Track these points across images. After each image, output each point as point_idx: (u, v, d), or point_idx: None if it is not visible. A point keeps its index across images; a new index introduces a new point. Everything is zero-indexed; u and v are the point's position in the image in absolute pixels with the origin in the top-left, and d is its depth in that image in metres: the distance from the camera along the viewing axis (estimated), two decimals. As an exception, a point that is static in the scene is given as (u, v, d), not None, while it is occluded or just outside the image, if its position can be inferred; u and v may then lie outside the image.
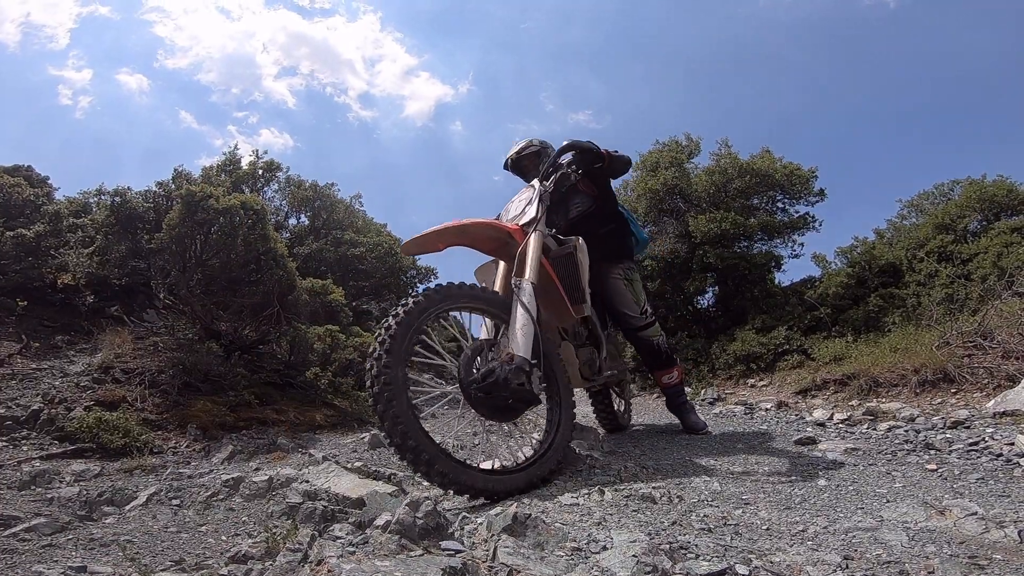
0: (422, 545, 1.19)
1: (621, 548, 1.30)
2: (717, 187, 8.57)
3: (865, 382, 4.44)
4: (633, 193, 9.20)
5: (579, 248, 2.60)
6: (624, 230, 3.28)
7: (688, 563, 1.25)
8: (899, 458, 2.51)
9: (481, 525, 1.33)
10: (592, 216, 3.14)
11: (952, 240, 7.06)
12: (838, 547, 1.43)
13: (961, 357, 4.10)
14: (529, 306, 2.02)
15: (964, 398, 3.69)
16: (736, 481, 2.18)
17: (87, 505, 2.66)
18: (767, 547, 1.43)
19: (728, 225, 7.97)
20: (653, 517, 1.66)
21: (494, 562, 1.19)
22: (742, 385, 6.44)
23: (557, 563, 1.22)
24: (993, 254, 6.08)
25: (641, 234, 3.49)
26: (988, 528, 1.50)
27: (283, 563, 1.04)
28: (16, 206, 7.42)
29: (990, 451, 2.45)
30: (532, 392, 1.93)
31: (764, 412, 4.53)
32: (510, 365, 1.87)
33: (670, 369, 3.34)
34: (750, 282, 8.05)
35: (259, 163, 11.05)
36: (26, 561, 2.01)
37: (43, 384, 4.84)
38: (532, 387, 1.92)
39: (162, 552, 2.12)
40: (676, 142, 9.30)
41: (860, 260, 7.84)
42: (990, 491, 1.91)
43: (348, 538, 1.16)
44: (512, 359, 1.89)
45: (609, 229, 3.17)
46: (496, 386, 1.85)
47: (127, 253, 6.66)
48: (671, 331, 8.26)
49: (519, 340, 1.93)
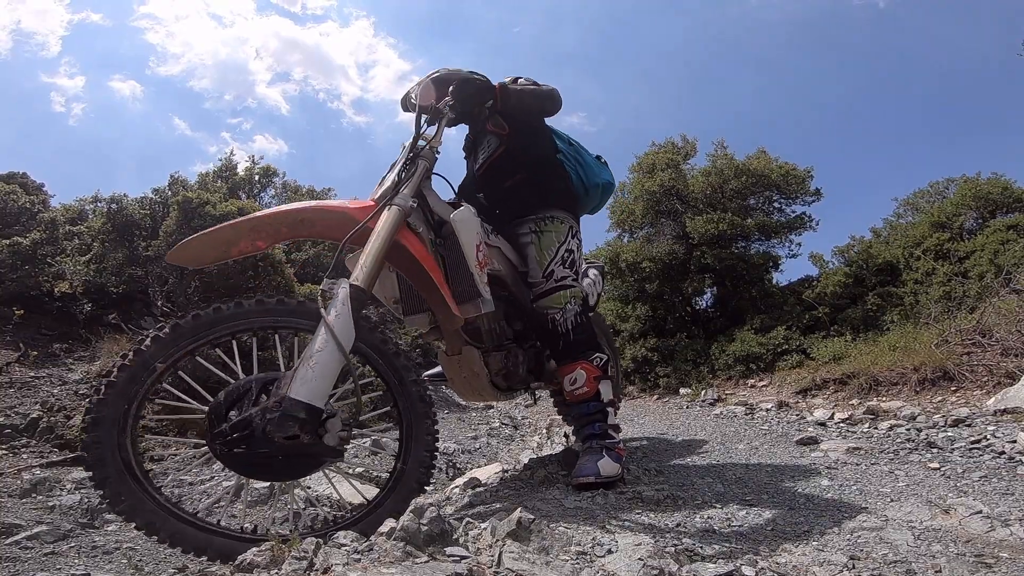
0: (427, 551, 1.19)
1: (626, 551, 1.29)
2: (714, 188, 8.60)
3: (865, 381, 4.45)
4: (630, 195, 9.23)
5: (454, 222, 1.86)
6: (546, 176, 2.29)
7: (694, 565, 1.25)
8: (901, 457, 2.51)
9: (485, 531, 1.33)
10: (497, 164, 2.27)
11: (948, 238, 7.09)
12: (844, 547, 1.43)
13: (960, 355, 4.11)
14: (337, 323, 1.44)
15: (964, 396, 3.70)
16: (739, 482, 2.17)
17: (88, 512, 2.65)
18: (772, 548, 1.43)
19: (725, 226, 7.99)
20: (657, 520, 1.65)
21: (499, 567, 1.19)
22: (742, 385, 6.45)
23: (562, 567, 1.22)
24: (989, 251, 6.11)
25: (595, 178, 2.47)
26: (993, 526, 1.50)
27: (288, 571, 1.04)
28: (12, 214, 7.40)
29: (992, 449, 2.46)
30: (317, 446, 1.40)
31: (764, 412, 4.53)
32: (274, 412, 1.34)
33: (573, 365, 2.09)
34: (748, 282, 8.07)
35: (255, 169, 11.06)
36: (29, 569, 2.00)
37: (42, 392, 4.82)
38: (322, 439, 1.41)
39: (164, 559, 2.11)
40: (672, 143, 9.33)
41: (857, 259, 7.87)
42: (994, 489, 1.91)
43: (353, 545, 1.16)
44: (281, 403, 1.34)
45: (518, 179, 2.24)
46: (253, 440, 1.34)
47: (124, 260, 6.64)
48: (670, 332, 8.27)
49: (302, 375, 1.37)
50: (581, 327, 2.13)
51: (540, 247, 2.19)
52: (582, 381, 2.07)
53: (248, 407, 1.39)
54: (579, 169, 2.41)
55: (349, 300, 1.48)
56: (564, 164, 2.36)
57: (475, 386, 2.13)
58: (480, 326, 2.05)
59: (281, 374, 1.44)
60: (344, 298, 1.49)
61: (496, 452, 4.13)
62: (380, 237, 1.61)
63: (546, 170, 2.30)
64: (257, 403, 1.40)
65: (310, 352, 1.41)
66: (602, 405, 2.08)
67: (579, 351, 2.10)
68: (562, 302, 2.12)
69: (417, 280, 1.83)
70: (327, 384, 1.40)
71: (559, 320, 2.11)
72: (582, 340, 2.11)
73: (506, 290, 2.16)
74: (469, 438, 4.98)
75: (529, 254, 2.21)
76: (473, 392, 2.18)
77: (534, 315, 2.22)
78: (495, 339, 2.11)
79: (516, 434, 5.42)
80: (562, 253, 2.19)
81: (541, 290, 2.16)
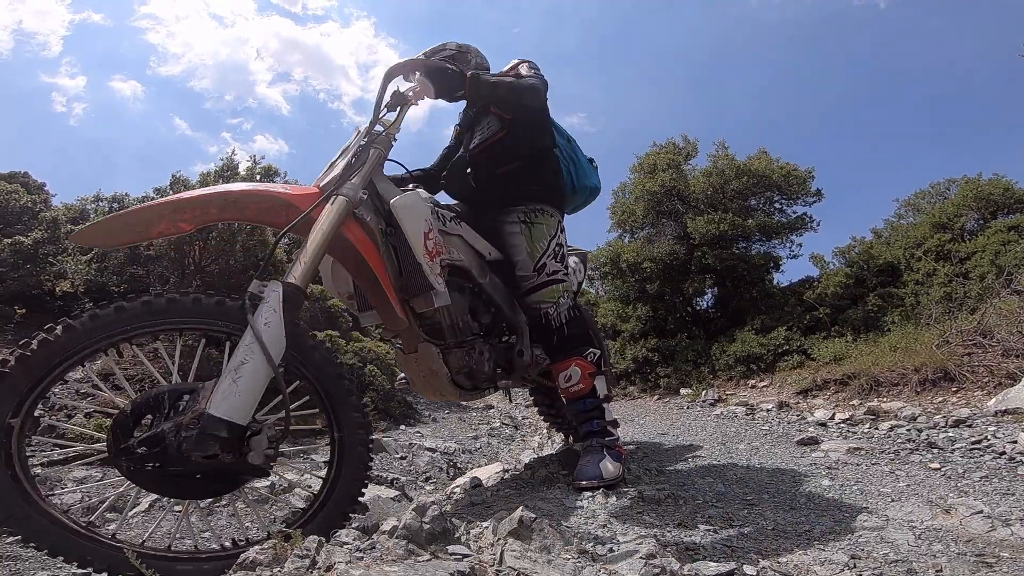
0: (429, 550, 1.19)
1: (628, 550, 1.29)
2: (715, 188, 8.61)
3: (866, 382, 4.45)
4: (631, 195, 9.23)
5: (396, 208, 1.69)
6: (540, 168, 2.21)
7: (696, 564, 1.25)
8: (902, 457, 2.51)
9: (487, 529, 1.33)
10: (493, 149, 2.17)
11: (949, 239, 7.10)
12: (845, 547, 1.43)
13: (961, 356, 4.11)
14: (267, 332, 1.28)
15: (965, 397, 3.70)
16: (740, 482, 2.18)
17: (89, 511, 2.66)
18: (774, 547, 1.43)
19: (726, 226, 8.00)
20: (658, 519, 1.65)
21: (501, 566, 1.19)
22: (743, 386, 6.45)
23: (564, 566, 1.22)
24: (991, 252, 6.11)
25: (585, 180, 2.40)
26: (994, 526, 1.51)
27: (291, 569, 1.04)
28: (13, 213, 7.41)
29: (993, 449, 2.46)
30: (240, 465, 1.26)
31: (765, 413, 4.53)
32: (191, 430, 1.20)
33: (567, 361, 2.05)
34: (749, 283, 8.07)
35: (256, 168, 11.05)
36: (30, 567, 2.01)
37: (42, 392, 4.82)
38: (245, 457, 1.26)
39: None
40: (673, 144, 9.34)
41: (858, 260, 7.88)
42: (994, 489, 1.91)
43: (355, 544, 1.16)
44: (199, 420, 1.21)
45: (512, 168, 2.15)
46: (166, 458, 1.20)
47: (125, 260, 6.65)
48: (671, 333, 8.27)
49: (224, 389, 1.23)
50: (574, 321, 2.10)
51: (531, 239, 2.12)
52: (577, 378, 2.03)
53: (160, 421, 1.25)
54: (572, 168, 2.36)
55: (281, 304, 1.33)
56: (559, 160, 2.31)
57: (435, 385, 1.98)
58: (440, 321, 1.89)
59: (199, 385, 1.30)
60: (276, 303, 1.33)
61: (497, 452, 4.14)
62: (322, 230, 1.47)
63: (542, 163, 2.23)
64: (170, 417, 1.25)
65: (234, 363, 1.26)
66: (598, 401, 2.06)
67: (573, 346, 2.07)
68: (555, 296, 2.09)
69: (360, 276, 1.71)
70: (252, 399, 1.26)
71: (552, 315, 2.07)
72: (576, 335, 2.08)
73: (471, 281, 2.04)
74: (470, 438, 4.99)
75: (516, 244, 2.12)
76: (434, 392, 2.03)
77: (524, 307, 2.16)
78: (457, 334, 1.95)
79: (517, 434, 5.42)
80: (553, 247, 2.14)
81: (533, 284, 2.10)
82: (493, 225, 2.17)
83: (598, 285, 10.42)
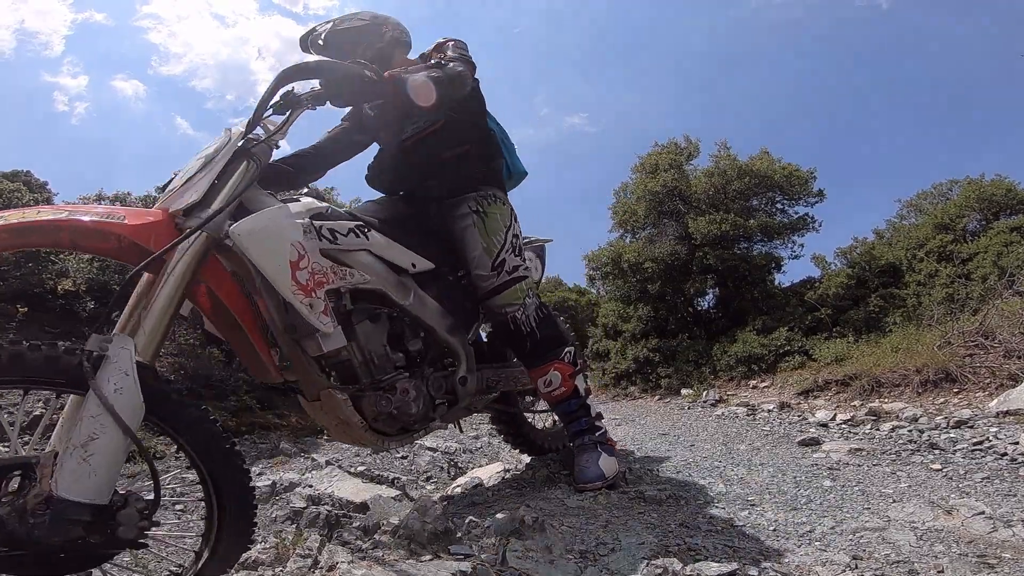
0: (431, 550, 1.19)
1: (630, 550, 1.30)
2: (716, 189, 8.60)
3: (867, 382, 4.44)
4: (633, 195, 9.24)
5: (235, 237, 1.26)
6: (486, 151, 2.02)
7: (698, 564, 1.25)
8: (903, 458, 2.51)
9: (489, 529, 1.33)
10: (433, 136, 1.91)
11: (952, 240, 7.09)
12: (846, 547, 1.43)
13: (963, 357, 4.11)
14: (119, 400, 1.05)
15: (967, 398, 3.70)
16: (741, 483, 2.18)
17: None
18: (775, 548, 1.43)
19: (728, 227, 8.00)
20: (660, 519, 1.65)
21: (503, 566, 1.19)
22: (744, 386, 6.45)
23: (566, 566, 1.22)
24: (993, 253, 6.11)
25: (519, 164, 2.20)
26: (996, 527, 1.51)
27: (294, 569, 1.04)
28: (16, 212, 7.41)
29: (994, 451, 2.45)
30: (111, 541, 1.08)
31: (766, 413, 4.53)
32: (40, 516, 0.99)
33: (545, 367, 1.91)
34: (750, 283, 8.07)
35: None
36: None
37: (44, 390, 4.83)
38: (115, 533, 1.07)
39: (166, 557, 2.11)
40: (675, 144, 9.34)
41: (860, 260, 7.87)
42: (996, 490, 1.91)
43: (357, 543, 1.16)
44: (48, 505, 1.00)
45: (460, 152, 1.91)
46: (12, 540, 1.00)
47: (127, 258, 6.65)
48: (672, 333, 8.27)
49: (74, 470, 1.01)
50: (545, 321, 1.93)
51: (486, 231, 1.86)
52: (558, 382, 1.91)
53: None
54: (505, 153, 2.14)
55: (134, 367, 1.08)
56: (495, 142, 2.08)
57: (351, 435, 1.64)
58: (350, 359, 1.54)
59: (34, 458, 1.06)
60: (127, 362, 1.07)
61: (498, 451, 4.13)
62: (174, 284, 1.16)
63: (490, 146, 2.04)
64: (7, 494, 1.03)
65: (80, 438, 1.02)
66: (583, 400, 2.00)
67: (548, 349, 1.91)
68: (520, 296, 1.88)
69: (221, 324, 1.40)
70: (111, 475, 1.06)
71: (521, 318, 1.86)
72: (549, 337, 1.92)
73: (388, 305, 1.66)
74: (471, 437, 4.99)
75: (469, 240, 1.87)
76: (352, 441, 1.70)
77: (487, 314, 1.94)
78: (374, 372, 1.59)
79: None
80: (510, 239, 1.91)
81: (493, 285, 1.86)
82: (441, 220, 1.92)
83: (599, 285, 10.42)
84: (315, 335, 1.40)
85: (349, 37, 1.91)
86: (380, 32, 1.95)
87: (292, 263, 1.33)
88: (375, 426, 1.60)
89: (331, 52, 1.92)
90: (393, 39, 1.96)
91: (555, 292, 17.99)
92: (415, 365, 1.74)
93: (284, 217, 1.37)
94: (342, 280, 1.49)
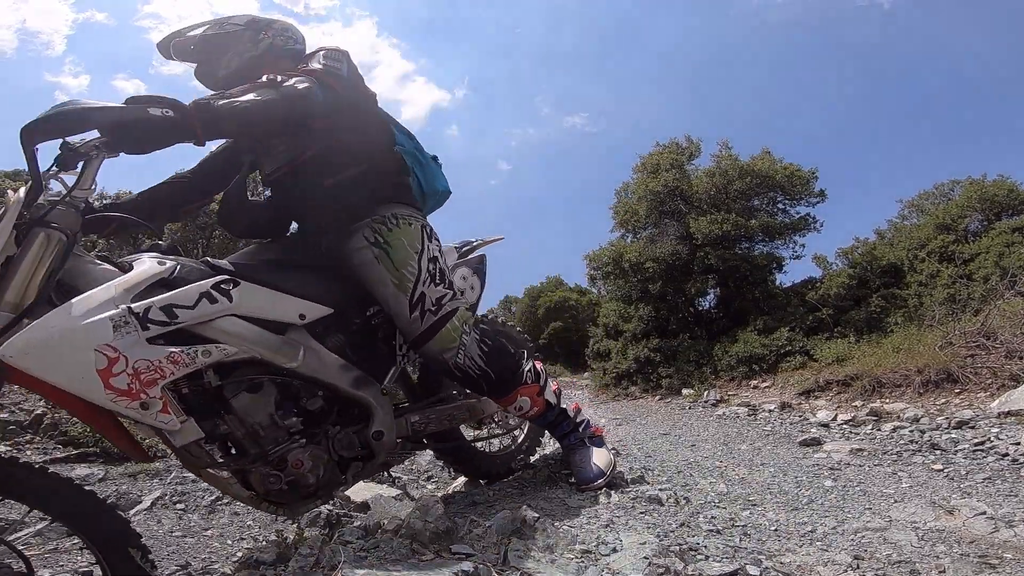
0: (432, 549, 1.19)
1: (631, 550, 1.30)
2: (718, 189, 8.61)
3: (868, 383, 4.44)
4: (634, 195, 9.24)
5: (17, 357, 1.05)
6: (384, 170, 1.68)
7: (699, 564, 1.25)
8: (905, 458, 2.51)
9: (490, 529, 1.33)
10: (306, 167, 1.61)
11: (953, 240, 7.09)
12: (848, 547, 1.43)
13: (964, 357, 4.11)
14: None
15: (968, 398, 3.69)
16: (742, 482, 2.18)
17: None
18: (777, 548, 1.43)
19: (729, 227, 8.00)
20: (661, 519, 1.65)
21: (505, 565, 1.19)
22: (745, 386, 6.45)
23: (567, 566, 1.22)
24: (994, 254, 6.10)
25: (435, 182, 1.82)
26: (997, 527, 1.51)
27: (295, 568, 1.04)
28: (17, 212, 7.45)
29: (996, 451, 2.45)
30: None
31: (767, 413, 4.53)
32: None
33: (511, 396, 1.76)
34: (751, 283, 8.07)
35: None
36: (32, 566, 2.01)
37: (46, 389, 4.84)
38: None
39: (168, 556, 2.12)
40: (676, 144, 9.34)
41: (861, 261, 7.87)
42: (997, 491, 1.91)
43: (359, 543, 1.16)
44: None
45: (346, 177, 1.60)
46: None
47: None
48: (673, 333, 8.27)
49: None
50: (493, 355, 1.69)
51: (392, 264, 1.56)
52: (528, 405, 1.81)
53: None
54: (418, 170, 1.78)
55: None
56: (404, 160, 1.73)
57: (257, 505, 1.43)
58: (233, 433, 1.35)
59: None
60: None
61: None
62: None
63: (386, 163, 1.69)
64: None
65: None
66: (556, 407, 1.93)
67: (507, 381, 1.73)
68: (455, 339, 1.61)
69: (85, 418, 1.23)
70: None
71: (464, 363, 1.63)
72: (504, 368, 1.71)
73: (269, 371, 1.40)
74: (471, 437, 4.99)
75: (374, 277, 1.57)
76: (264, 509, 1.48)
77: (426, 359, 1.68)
78: (261, 444, 1.37)
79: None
80: (425, 265, 1.60)
81: (419, 331, 1.58)
82: (336, 256, 1.63)
83: (600, 285, 10.42)
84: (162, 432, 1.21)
85: (218, 43, 1.64)
86: (255, 39, 1.66)
87: (101, 371, 1.10)
88: (270, 499, 1.41)
89: (201, 59, 1.67)
90: (272, 47, 1.67)
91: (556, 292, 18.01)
92: (317, 425, 1.49)
93: (78, 319, 1.10)
94: (188, 366, 1.22)
